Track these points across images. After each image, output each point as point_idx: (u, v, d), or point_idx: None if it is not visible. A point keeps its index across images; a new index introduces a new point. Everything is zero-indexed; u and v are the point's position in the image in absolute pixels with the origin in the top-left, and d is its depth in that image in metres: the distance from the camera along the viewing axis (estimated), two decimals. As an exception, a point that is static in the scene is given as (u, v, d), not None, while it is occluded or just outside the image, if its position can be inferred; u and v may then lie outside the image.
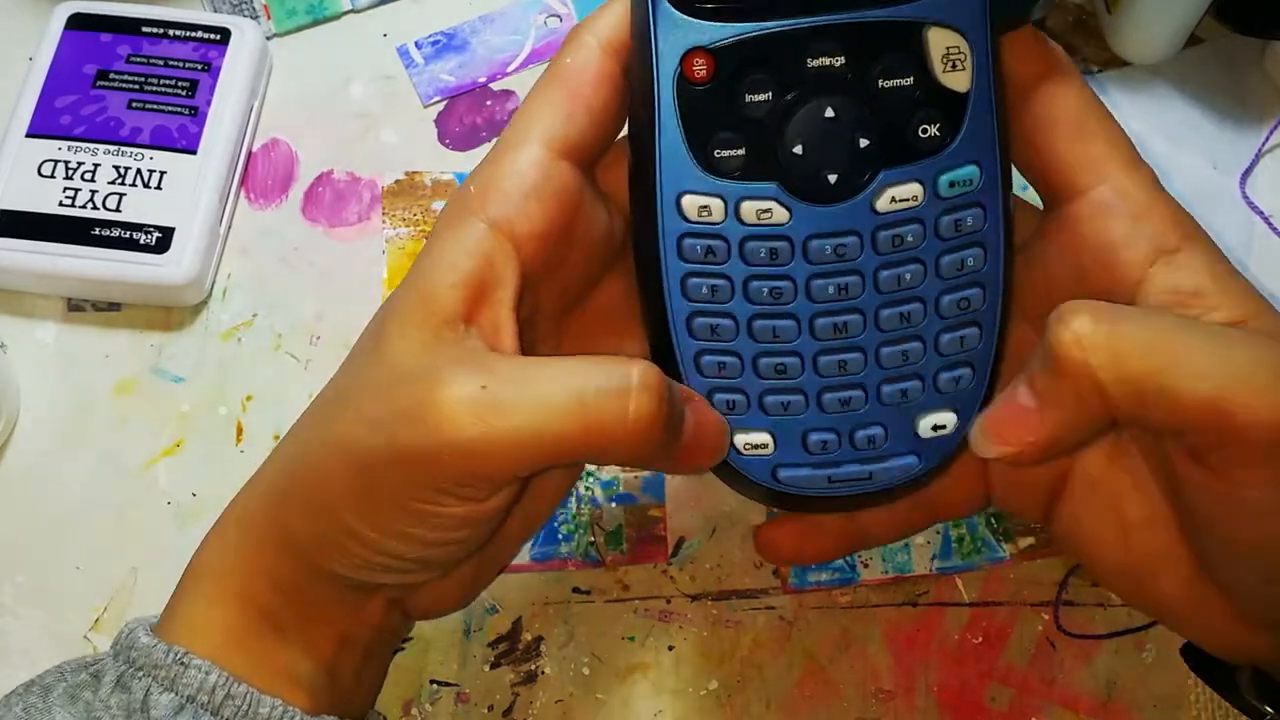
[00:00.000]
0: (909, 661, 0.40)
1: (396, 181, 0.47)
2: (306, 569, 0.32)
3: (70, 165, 0.45)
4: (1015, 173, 0.32)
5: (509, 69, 0.49)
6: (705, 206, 0.30)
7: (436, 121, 0.48)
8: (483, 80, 0.49)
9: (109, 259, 0.43)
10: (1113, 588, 0.36)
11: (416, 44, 0.49)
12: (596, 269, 0.33)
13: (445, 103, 0.49)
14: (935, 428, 0.31)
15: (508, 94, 0.49)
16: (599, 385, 0.28)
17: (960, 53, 0.30)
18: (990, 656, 0.40)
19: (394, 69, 0.49)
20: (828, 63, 0.29)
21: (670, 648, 0.41)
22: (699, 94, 0.30)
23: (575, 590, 0.41)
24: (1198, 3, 0.43)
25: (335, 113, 0.48)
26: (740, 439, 0.31)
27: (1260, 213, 0.46)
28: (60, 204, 0.44)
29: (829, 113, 0.30)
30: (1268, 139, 0.47)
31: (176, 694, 0.31)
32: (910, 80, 0.30)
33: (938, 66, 0.30)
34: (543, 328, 0.33)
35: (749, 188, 0.30)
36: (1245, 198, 0.46)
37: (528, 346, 0.32)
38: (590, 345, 0.34)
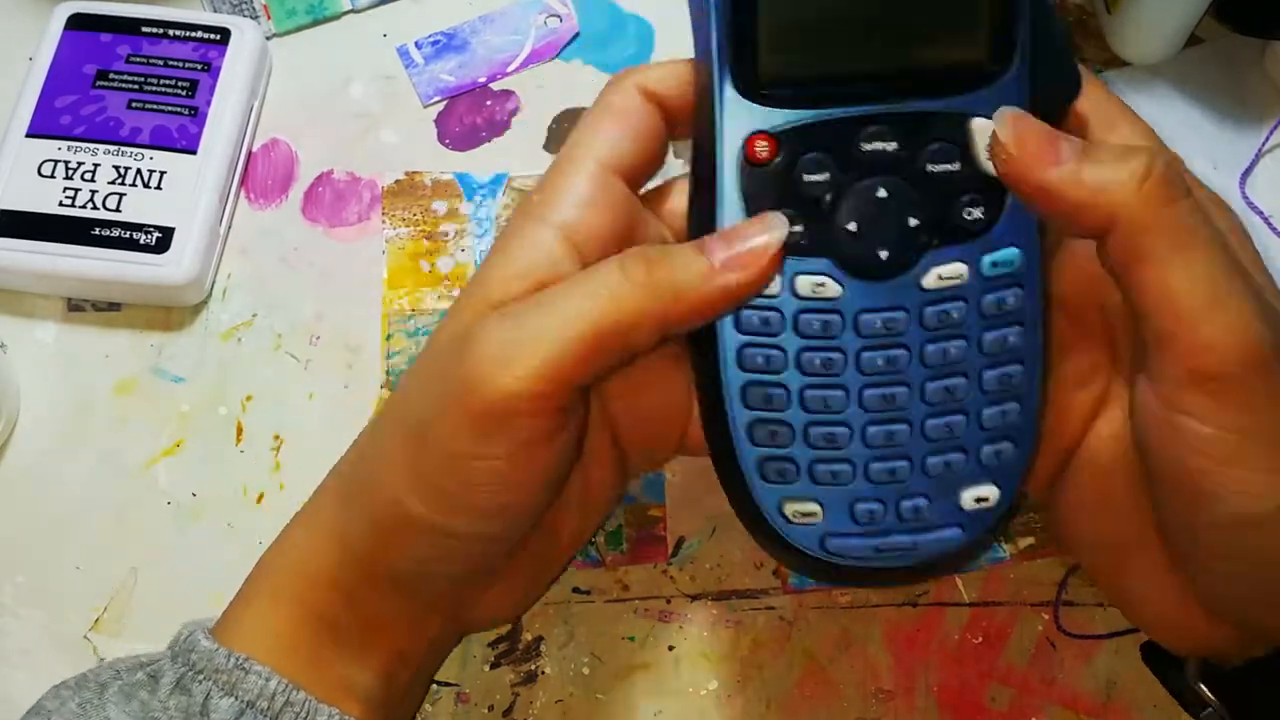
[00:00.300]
0: (909, 661, 0.40)
1: (396, 181, 0.47)
2: (366, 575, 0.33)
3: (70, 165, 0.45)
4: None
5: (509, 69, 0.49)
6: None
7: (436, 121, 0.48)
8: (483, 80, 0.49)
9: (109, 259, 0.43)
10: (1089, 569, 0.38)
11: (416, 44, 0.49)
12: None
13: (445, 103, 0.49)
14: (978, 500, 0.32)
15: (508, 94, 0.49)
16: (595, 282, 0.30)
17: None
18: (990, 656, 0.41)
19: (394, 69, 0.49)
20: (880, 147, 0.32)
21: (670, 648, 0.41)
22: (760, 173, 0.32)
23: (575, 590, 0.41)
24: (1198, 3, 0.43)
25: (335, 113, 0.48)
26: (790, 507, 0.32)
27: (1260, 213, 0.46)
28: (60, 204, 0.44)
29: (881, 193, 0.32)
30: (1268, 139, 0.47)
31: (236, 699, 0.31)
32: (956, 166, 0.31)
33: (982, 154, 0.31)
34: None
35: (805, 263, 0.32)
36: (1245, 198, 0.46)
37: None
38: (642, 363, 0.35)
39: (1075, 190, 0.29)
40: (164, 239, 0.44)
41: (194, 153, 0.45)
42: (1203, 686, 0.33)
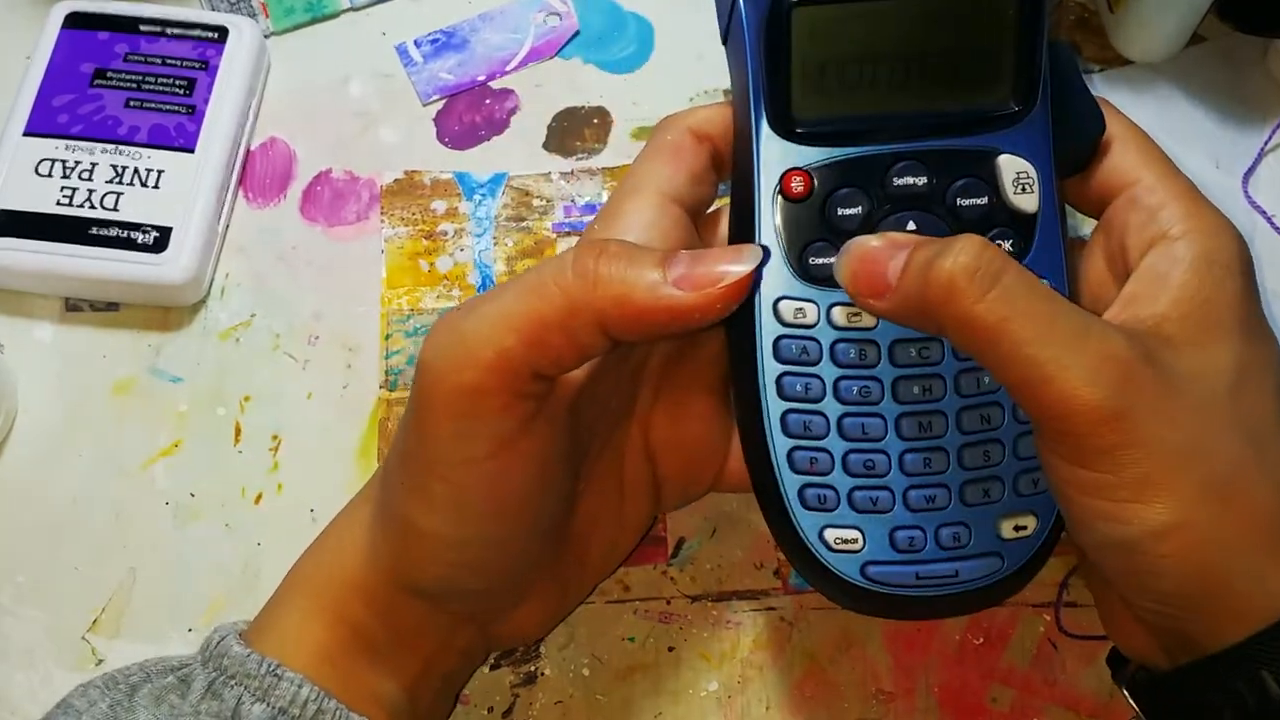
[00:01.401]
0: (909, 662, 0.40)
1: (395, 180, 0.47)
2: (394, 588, 0.34)
3: (68, 164, 0.45)
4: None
5: (508, 67, 0.49)
6: (800, 309, 0.33)
7: (435, 120, 0.48)
8: (482, 79, 0.49)
9: (107, 258, 0.43)
10: (1081, 569, 0.39)
11: (415, 42, 0.49)
12: None
13: (444, 101, 0.48)
14: (1017, 529, 0.33)
15: (507, 92, 0.48)
16: (543, 271, 0.30)
17: (1029, 178, 0.33)
18: (991, 657, 0.40)
19: (393, 67, 0.49)
20: (911, 182, 0.33)
21: (670, 649, 0.41)
22: (796, 208, 0.33)
23: (575, 591, 0.41)
24: (1200, 2, 0.43)
25: (334, 111, 0.48)
26: (831, 534, 0.33)
27: (1263, 212, 0.46)
28: (58, 203, 0.44)
29: (911, 226, 0.33)
30: (1270, 138, 0.47)
31: (268, 705, 0.32)
32: (985, 200, 0.33)
33: (1009, 189, 0.33)
34: (651, 369, 0.37)
35: (840, 294, 0.32)
36: (1248, 197, 0.46)
37: (631, 390, 0.36)
38: (686, 397, 0.37)
39: (919, 318, 0.30)
40: (162, 238, 0.44)
41: (192, 151, 0.45)
42: (1125, 692, 0.34)
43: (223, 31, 0.47)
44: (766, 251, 0.33)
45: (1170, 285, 0.32)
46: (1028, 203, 0.33)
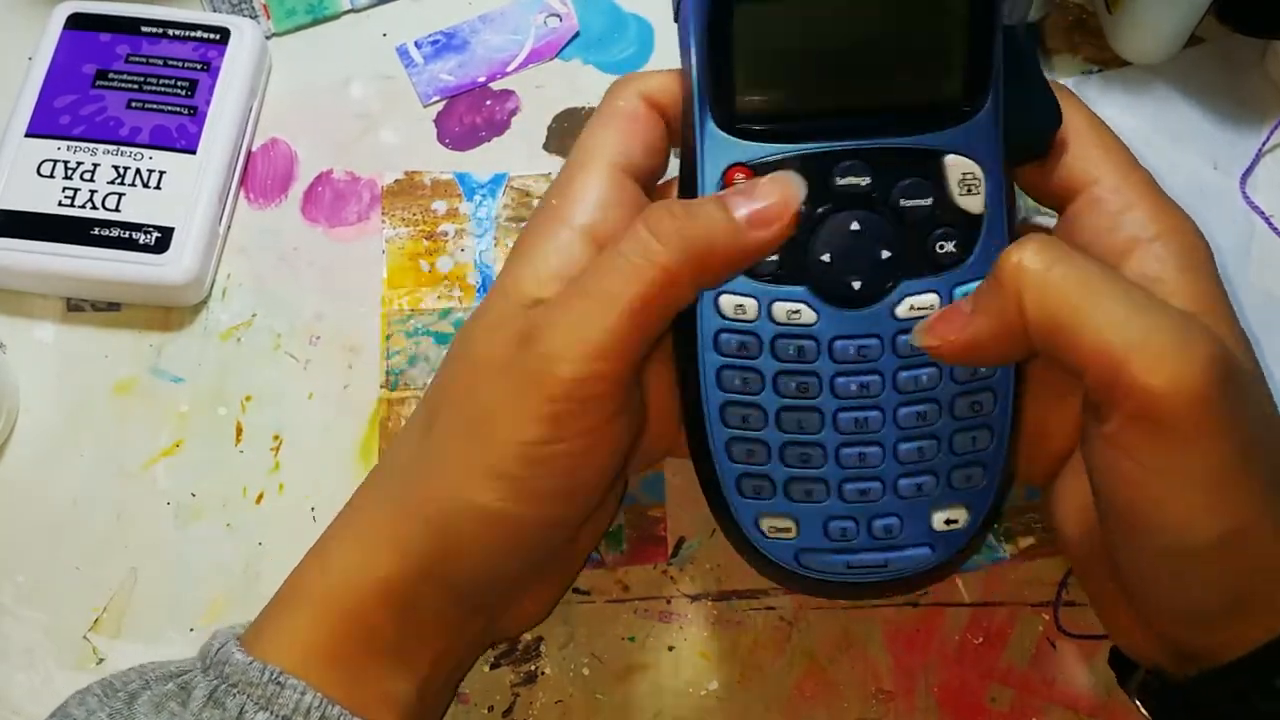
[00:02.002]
0: (909, 662, 0.40)
1: (396, 181, 0.47)
2: (425, 579, 0.33)
3: (69, 165, 0.45)
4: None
5: (508, 69, 0.49)
6: (741, 305, 0.33)
7: (436, 121, 0.48)
8: (482, 80, 0.49)
9: (108, 259, 0.43)
10: (1073, 569, 0.39)
11: (416, 44, 0.49)
12: None
13: (445, 102, 0.49)
14: (948, 522, 0.34)
15: (507, 94, 0.49)
16: (629, 251, 0.31)
17: (975, 179, 0.33)
18: (991, 657, 0.40)
19: (393, 69, 0.49)
20: (854, 181, 0.33)
21: (670, 648, 0.41)
22: None
23: (575, 590, 0.41)
24: (1198, 3, 0.43)
25: (335, 112, 0.48)
26: (766, 522, 0.34)
27: (1260, 212, 0.46)
28: (59, 204, 0.44)
29: (854, 226, 0.33)
30: (1268, 139, 0.47)
31: (272, 713, 0.32)
32: (929, 201, 0.33)
33: (955, 190, 0.33)
34: None
35: (781, 290, 0.33)
36: (1246, 197, 0.46)
37: None
38: (640, 378, 0.36)
39: (1002, 331, 0.31)
40: (163, 239, 0.44)
41: (193, 152, 0.45)
42: (1137, 700, 0.34)
43: (224, 33, 0.47)
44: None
45: (1168, 289, 0.31)
46: (973, 204, 0.33)
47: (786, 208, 0.32)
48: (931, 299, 0.33)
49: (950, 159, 0.33)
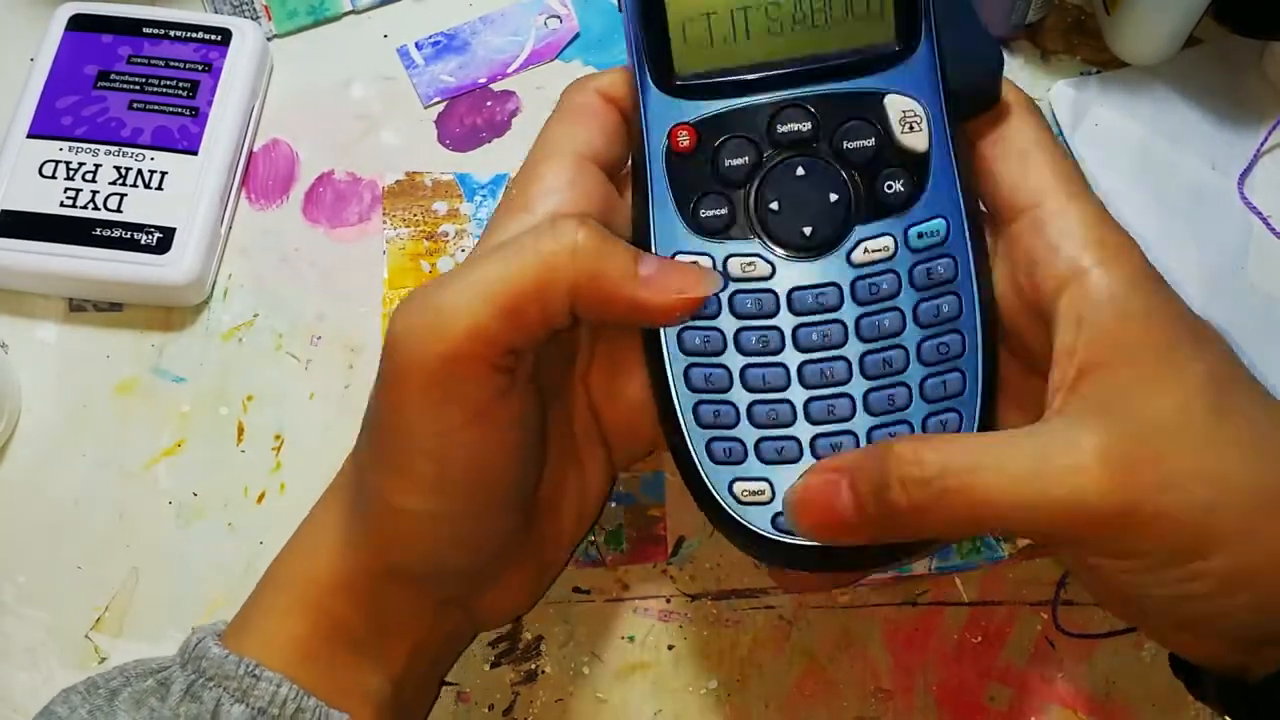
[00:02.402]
0: (908, 661, 0.40)
1: (397, 182, 0.47)
2: (373, 577, 0.33)
3: (71, 166, 0.45)
4: None
5: (509, 70, 0.49)
6: (695, 263, 0.33)
7: (437, 122, 0.48)
8: (483, 81, 0.49)
9: (110, 259, 0.44)
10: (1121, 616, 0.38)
11: (417, 45, 0.49)
12: None
13: (445, 103, 0.49)
14: None
15: (508, 95, 0.49)
16: (517, 245, 0.31)
17: (916, 116, 0.33)
18: (989, 656, 0.41)
19: (394, 70, 0.49)
20: (795, 128, 0.33)
21: (670, 647, 0.41)
22: (684, 162, 0.33)
23: (575, 589, 0.41)
24: (1196, 4, 0.43)
25: (336, 113, 0.48)
26: (740, 487, 0.33)
27: (1259, 213, 0.46)
28: (61, 204, 0.44)
29: (800, 171, 0.33)
30: (1266, 140, 0.47)
31: (247, 706, 0.32)
32: (872, 141, 0.33)
33: (897, 129, 0.33)
34: (585, 325, 0.35)
35: (734, 245, 0.33)
36: (1244, 198, 0.46)
37: (570, 350, 0.36)
38: (620, 352, 0.36)
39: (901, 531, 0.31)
40: (165, 239, 0.44)
41: (195, 153, 0.45)
42: (1222, 706, 0.33)
43: (226, 34, 0.47)
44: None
45: (1104, 326, 0.31)
46: (917, 141, 0.33)
47: (686, 290, 0.31)
48: (886, 241, 0.32)
49: (890, 98, 0.33)
